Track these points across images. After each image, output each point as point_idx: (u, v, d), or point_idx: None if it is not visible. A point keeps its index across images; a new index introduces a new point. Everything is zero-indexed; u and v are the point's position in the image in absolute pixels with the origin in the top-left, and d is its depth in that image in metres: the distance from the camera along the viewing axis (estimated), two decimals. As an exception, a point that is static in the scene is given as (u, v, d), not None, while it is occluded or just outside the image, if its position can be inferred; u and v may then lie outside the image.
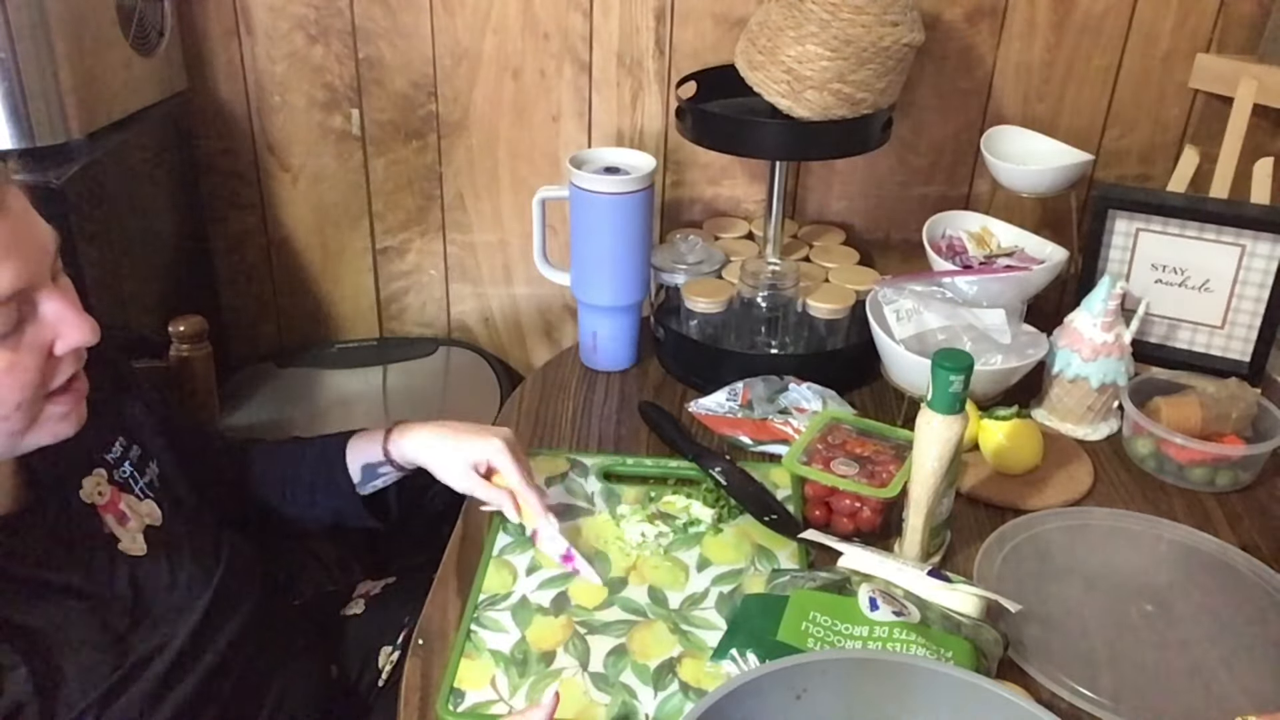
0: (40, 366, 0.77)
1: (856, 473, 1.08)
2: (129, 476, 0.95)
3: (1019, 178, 1.44)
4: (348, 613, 1.18)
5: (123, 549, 0.91)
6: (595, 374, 1.42)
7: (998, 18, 1.50)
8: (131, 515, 0.93)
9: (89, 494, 0.91)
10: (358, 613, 1.18)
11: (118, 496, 0.92)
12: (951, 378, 0.97)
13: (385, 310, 1.74)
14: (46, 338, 0.77)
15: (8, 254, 0.72)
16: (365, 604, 1.19)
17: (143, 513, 0.94)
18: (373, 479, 1.12)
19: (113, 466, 0.94)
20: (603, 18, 1.51)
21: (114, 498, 0.92)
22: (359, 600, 1.20)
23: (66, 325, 0.77)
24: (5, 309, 0.73)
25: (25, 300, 0.75)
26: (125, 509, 0.93)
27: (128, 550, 0.91)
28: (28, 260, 0.74)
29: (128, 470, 0.95)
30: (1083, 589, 1.06)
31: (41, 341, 0.77)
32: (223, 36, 1.54)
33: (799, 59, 1.27)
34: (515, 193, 1.63)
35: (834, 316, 1.37)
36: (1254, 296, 1.33)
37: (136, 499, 0.94)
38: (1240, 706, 0.91)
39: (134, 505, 0.93)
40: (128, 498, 0.93)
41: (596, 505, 1.15)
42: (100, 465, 0.93)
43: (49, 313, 0.76)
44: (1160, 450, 1.23)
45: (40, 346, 0.77)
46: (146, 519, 0.94)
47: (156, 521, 0.95)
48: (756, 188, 1.61)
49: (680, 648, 0.96)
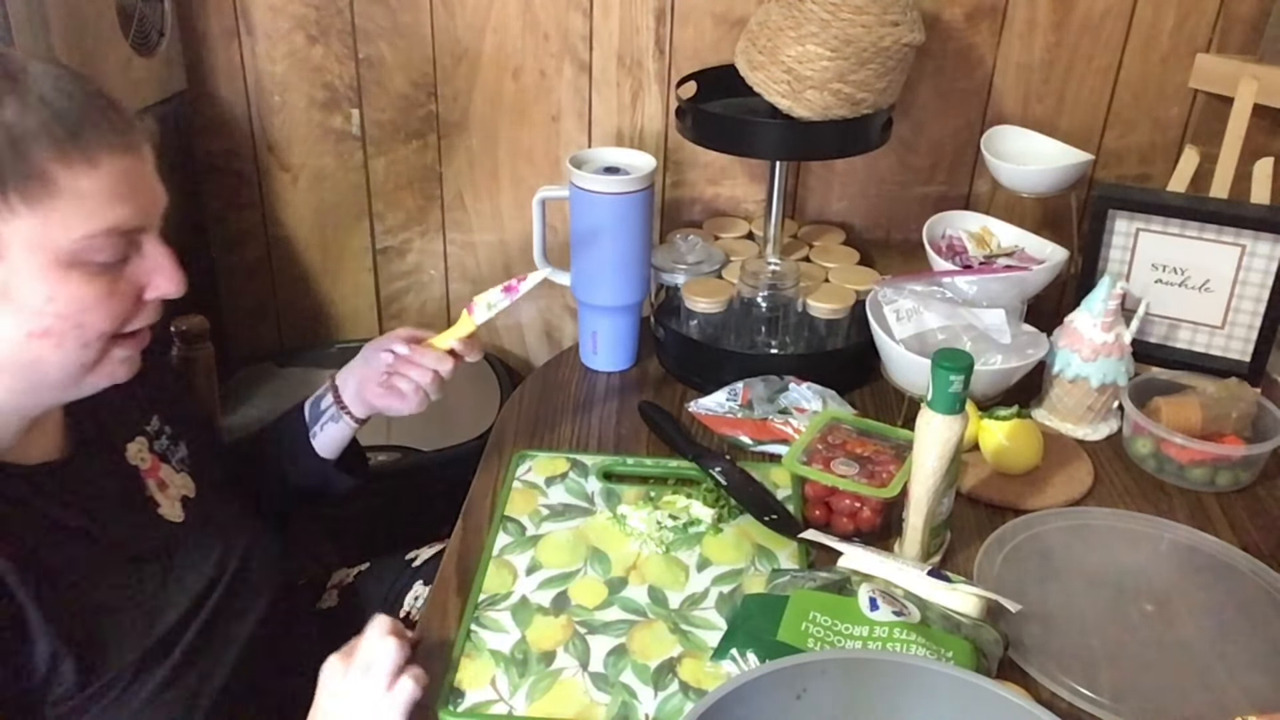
0: (131, 304, 0.81)
1: (856, 473, 1.08)
2: (166, 449, 0.98)
3: (1019, 178, 1.44)
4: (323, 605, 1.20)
5: (162, 514, 0.94)
6: (595, 374, 1.42)
7: (998, 18, 1.50)
8: (169, 483, 0.96)
9: (133, 456, 0.94)
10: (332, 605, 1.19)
11: (157, 465, 0.96)
12: (951, 378, 0.97)
13: (385, 310, 1.74)
14: (142, 281, 0.82)
15: (134, 192, 0.79)
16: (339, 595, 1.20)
17: (179, 484, 0.97)
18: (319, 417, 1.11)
19: (152, 438, 0.97)
20: (603, 18, 1.51)
21: (154, 465, 0.96)
22: (333, 592, 1.21)
23: (162, 274, 0.82)
24: (119, 240, 0.78)
25: (134, 239, 0.80)
26: (164, 477, 0.96)
27: (167, 515, 0.94)
28: (146, 203, 0.80)
29: (165, 443, 0.98)
30: (1083, 589, 1.06)
31: (137, 283, 0.82)
32: (223, 36, 1.54)
33: (799, 59, 1.27)
34: (515, 193, 1.63)
35: (834, 316, 1.37)
36: (1254, 296, 1.33)
37: (173, 470, 0.98)
38: (1240, 706, 0.91)
39: (171, 476, 0.97)
40: (165, 468, 0.97)
41: (596, 505, 1.15)
42: (141, 435, 0.96)
43: (150, 257, 0.82)
44: (1160, 450, 1.23)
45: (135, 287, 0.82)
46: (183, 490, 0.97)
47: (191, 493, 0.98)
48: (756, 188, 1.61)
49: (680, 648, 0.96)
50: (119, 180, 0.77)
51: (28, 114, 0.74)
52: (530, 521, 1.12)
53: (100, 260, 0.78)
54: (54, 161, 0.74)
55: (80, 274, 0.77)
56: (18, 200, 0.74)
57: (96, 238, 0.77)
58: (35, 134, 0.74)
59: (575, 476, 1.19)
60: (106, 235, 0.77)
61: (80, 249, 0.76)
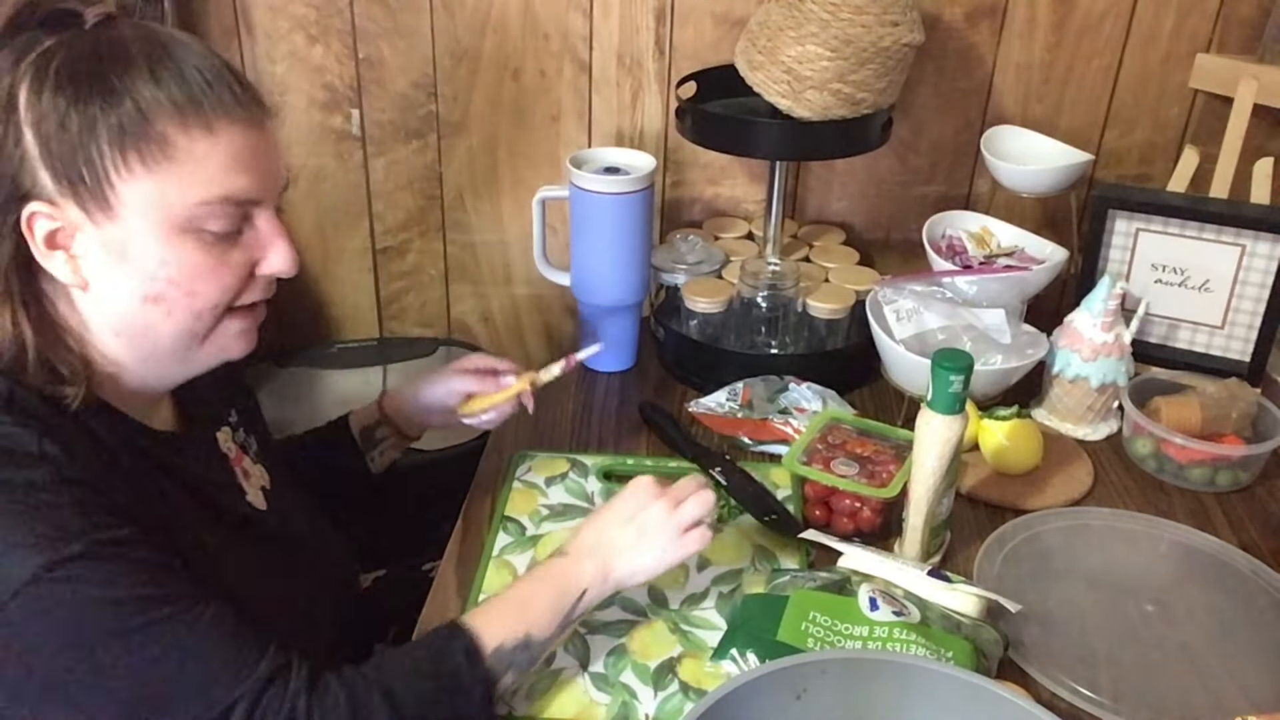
0: (243, 277, 0.82)
1: (856, 473, 1.08)
2: (244, 441, 1.00)
3: (1019, 178, 1.44)
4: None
5: (249, 500, 0.95)
6: (595, 374, 1.42)
7: (998, 18, 1.50)
8: (251, 473, 0.98)
9: (223, 444, 0.96)
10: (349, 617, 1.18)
11: (240, 455, 0.97)
12: (951, 378, 0.97)
13: (385, 310, 1.74)
14: (255, 255, 0.82)
15: (251, 163, 0.79)
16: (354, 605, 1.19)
17: (257, 474, 0.99)
18: (375, 444, 1.16)
19: (233, 428, 0.99)
20: (603, 18, 1.51)
21: (238, 455, 0.97)
22: None
23: (276, 250, 0.83)
24: (233, 211, 0.79)
25: (249, 213, 0.81)
26: (246, 466, 0.97)
27: (252, 502, 0.95)
28: (264, 176, 0.80)
29: (242, 435, 1.00)
30: (1083, 589, 1.06)
31: (250, 256, 0.82)
32: (223, 36, 1.54)
33: (799, 59, 1.27)
34: (515, 193, 1.63)
35: (834, 316, 1.37)
36: (1254, 296, 1.33)
37: (252, 461, 0.99)
38: (1240, 706, 0.91)
39: (250, 466, 0.98)
40: (246, 458, 0.98)
41: (596, 505, 1.14)
42: (226, 424, 0.98)
43: (264, 232, 0.82)
44: (1160, 450, 1.23)
45: (248, 260, 0.82)
46: (261, 480, 0.99)
47: (268, 484, 0.99)
48: (756, 188, 1.61)
49: (680, 648, 0.96)
50: (237, 150, 0.78)
51: (154, 79, 0.75)
52: (530, 521, 1.12)
53: (214, 230, 0.79)
54: (173, 125, 0.75)
55: (195, 242, 0.78)
56: (136, 161, 0.75)
57: (211, 205, 0.78)
58: (158, 98, 0.75)
59: (575, 476, 1.19)
60: (221, 204, 0.78)
61: (194, 215, 0.77)
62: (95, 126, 0.74)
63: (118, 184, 0.76)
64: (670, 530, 0.91)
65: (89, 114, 0.74)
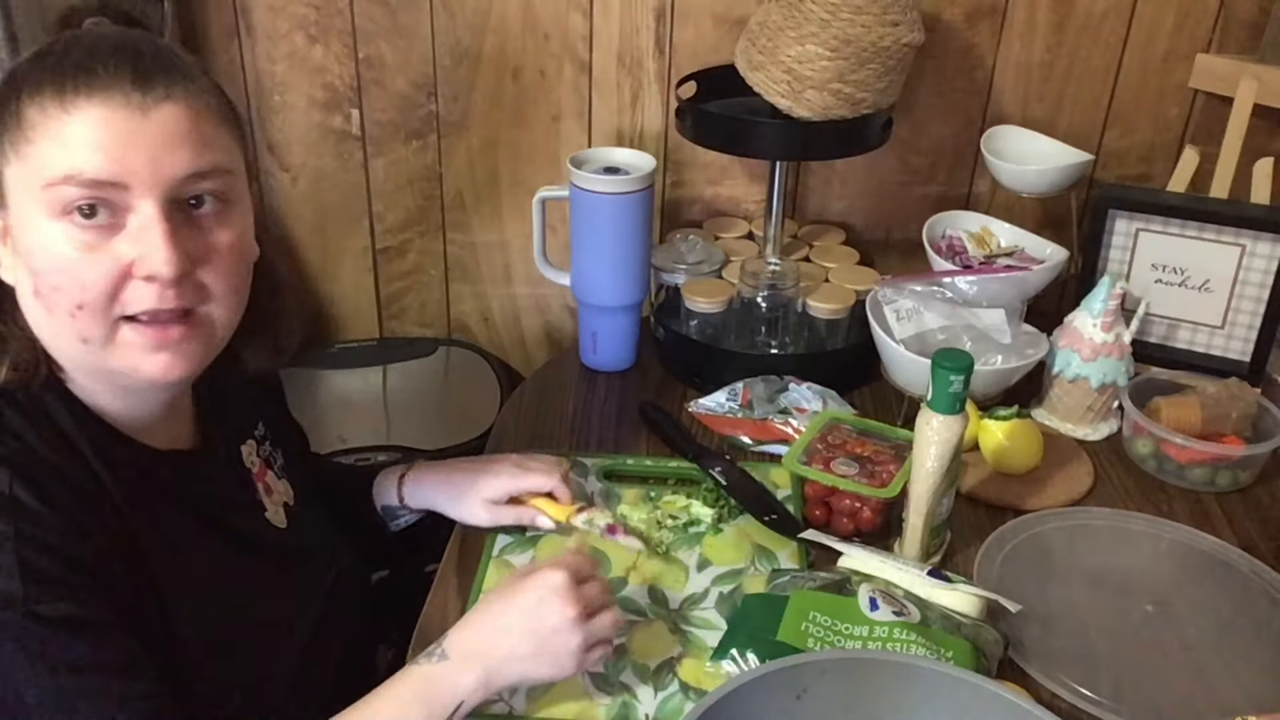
0: (112, 275, 0.74)
1: (856, 473, 1.08)
2: (270, 454, 0.98)
3: (1019, 178, 1.44)
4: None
5: (268, 517, 0.94)
6: (595, 374, 1.42)
7: (998, 18, 1.50)
8: (274, 489, 0.96)
9: (247, 458, 0.94)
10: None
11: (264, 470, 0.96)
12: (951, 378, 0.97)
13: (385, 310, 1.74)
14: (130, 253, 0.74)
15: (120, 144, 0.72)
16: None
17: (280, 490, 0.97)
18: (395, 519, 1.14)
19: (259, 441, 0.97)
20: (603, 18, 1.51)
21: (261, 469, 0.96)
22: None
23: (149, 248, 0.74)
24: (92, 194, 0.72)
25: (126, 203, 0.74)
26: (269, 482, 0.96)
27: (272, 520, 0.94)
28: (140, 162, 0.73)
29: (268, 448, 0.98)
30: (1083, 589, 1.06)
31: (123, 254, 0.74)
32: (223, 36, 1.54)
33: (799, 59, 1.27)
34: (515, 193, 1.63)
35: (834, 316, 1.37)
36: (1254, 296, 1.33)
37: (276, 476, 0.97)
38: (1240, 706, 0.91)
39: (274, 482, 0.97)
40: (270, 473, 0.97)
41: (597, 505, 1.14)
42: (251, 438, 0.96)
43: (136, 227, 0.74)
44: (1160, 450, 1.23)
45: (120, 258, 0.74)
46: (284, 497, 0.97)
47: (291, 500, 0.98)
48: (756, 188, 1.61)
49: (680, 648, 0.96)
50: (95, 128, 0.72)
51: (41, 63, 0.74)
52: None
53: (83, 218, 0.73)
54: (32, 106, 0.73)
55: (63, 231, 0.73)
56: (8, 146, 0.74)
57: (57, 184, 0.72)
58: (31, 79, 0.74)
59: (575, 476, 1.19)
60: (67, 182, 0.72)
61: (51, 197, 0.72)
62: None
63: (4, 169, 0.75)
64: (574, 646, 0.83)
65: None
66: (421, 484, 1.11)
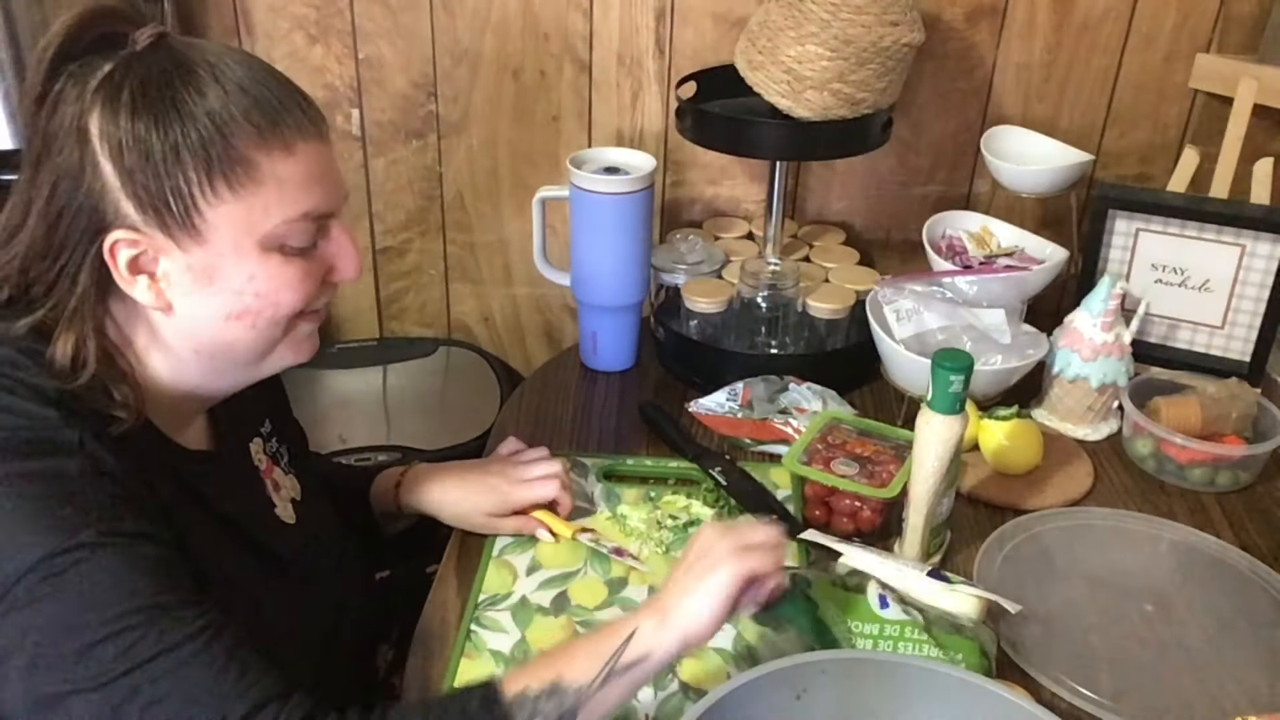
0: (319, 285, 0.84)
1: (856, 473, 1.08)
2: (276, 451, 0.99)
3: (1019, 178, 1.44)
4: None
5: (278, 514, 0.95)
6: (595, 374, 1.42)
7: (998, 18, 1.50)
8: (282, 485, 0.97)
9: (255, 457, 0.96)
10: None
11: (271, 467, 0.97)
12: (951, 378, 0.97)
13: (385, 310, 1.74)
14: (329, 262, 0.85)
15: (324, 178, 0.82)
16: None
17: (288, 485, 0.98)
18: (392, 524, 1.14)
19: (266, 439, 0.98)
20: (603, 18, 1.51)
21: (269, 467, 0.97)
22: None
23: (346, 257, 0.85)
24: (312, 225, 0.81)
25: (324, 224, 0.83)
26: (277, 478, 0.97)
27: (281, 516, 0.95)
28: (334, 189, 0.83)
29: (274, 445, 0.99)
30: (1083, 589, 1.06)
31: (325, 265, 0.84)
32: (223, 36, 1.54)
33: (799, 59, 1.27)
34: (515, 193, 1.63)
35: (834, 316, 1.37)
36: (1254, 296, 1.33)
37: (283, 472, 0.99)
38: (1240, 706, 0.91)
39: (281, 478, 0.98)
40: (277, 470, 0.98)
41: (597, 505, 1.15)
42: (258, 435, 0.98)
43: (338, 241, 0.84)
44: (1160, 450, 1.23)
45: (323, 268, 0.84)
46: (291, 492, 0.98)
47: (298, 495, 0.99)
48: (756, 188, 1.61)
49: (680, 648, 0.96)
50: (312, 166, 0.80)
51: (230, 102, 0.75)
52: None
53: (296, 244, 0.81)
54: (256, 148, 0.76)
55: (278, 257, 0.80)
56: (223, 186, 0.76)
57: (294, 222, 0.79)
58: (239, 121, 0.75)
59: (575, 476, 1.19)
60: (303, 220, 0.80)
61: (280, 233, 0.79)
62: (179, 154, 0.74)
63: (205, 210, 0.76)
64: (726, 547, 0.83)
65: (170, 140, 0.74)
66: (417, 492, 1.10)
